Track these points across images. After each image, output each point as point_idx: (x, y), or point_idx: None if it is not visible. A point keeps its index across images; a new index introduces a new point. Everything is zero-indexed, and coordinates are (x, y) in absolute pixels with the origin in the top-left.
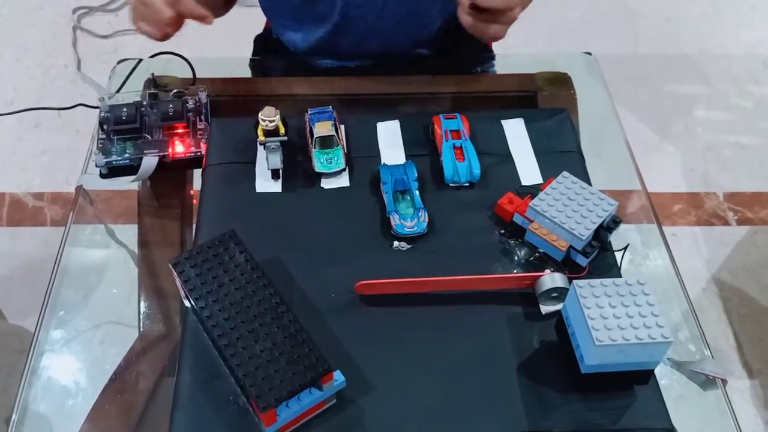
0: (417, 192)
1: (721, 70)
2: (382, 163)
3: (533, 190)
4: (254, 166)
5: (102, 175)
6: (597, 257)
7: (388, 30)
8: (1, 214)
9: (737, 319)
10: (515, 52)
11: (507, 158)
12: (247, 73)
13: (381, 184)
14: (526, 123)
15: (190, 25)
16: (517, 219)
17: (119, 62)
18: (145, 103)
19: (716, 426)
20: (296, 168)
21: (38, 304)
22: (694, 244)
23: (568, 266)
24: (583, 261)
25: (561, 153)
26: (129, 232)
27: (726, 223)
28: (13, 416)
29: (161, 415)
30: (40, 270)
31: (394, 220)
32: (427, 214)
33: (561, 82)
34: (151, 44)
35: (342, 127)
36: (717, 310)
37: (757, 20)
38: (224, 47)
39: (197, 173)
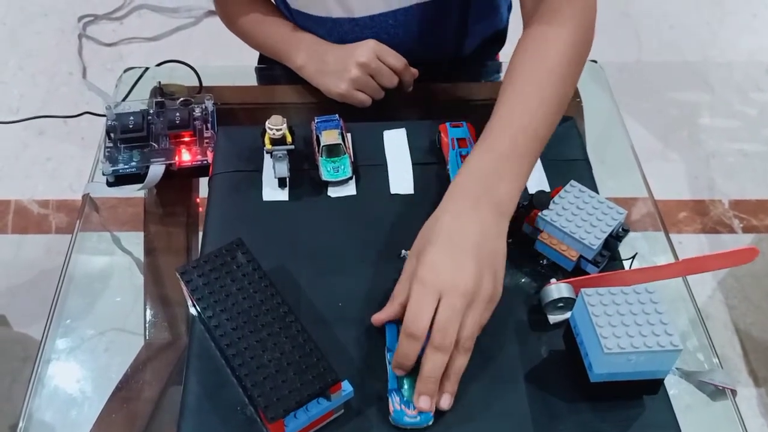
0: None
1: (724, 78)
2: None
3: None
4: (261, 175)
5: (109, 184)
6: (605, 266)
7: (404, 43)
8: (6, 221)
9: (743, 327)
10: None
11: None
12: (253, 81)
13: (385, 350)
14: None
15: (195, 32)
16: (526, 229)
17: (125, 71)
18: (151, 111)
19: None
20: (303, 176)
21: (42, 312)
22: (700, 252)
23: (578, 276)
24: (593, 270)
25: (568, 161)
26: (135, 240)
27: (732, 230)
28: (21, 424)
29: (167, 424)
30: (44, 277)
31: (394, 404)
32: None
33: None
34: (156, 53)
35: (349, 135)
36: (723, 318)
37: (759, 27)
38: (230, 55)
39: (203, 181)
